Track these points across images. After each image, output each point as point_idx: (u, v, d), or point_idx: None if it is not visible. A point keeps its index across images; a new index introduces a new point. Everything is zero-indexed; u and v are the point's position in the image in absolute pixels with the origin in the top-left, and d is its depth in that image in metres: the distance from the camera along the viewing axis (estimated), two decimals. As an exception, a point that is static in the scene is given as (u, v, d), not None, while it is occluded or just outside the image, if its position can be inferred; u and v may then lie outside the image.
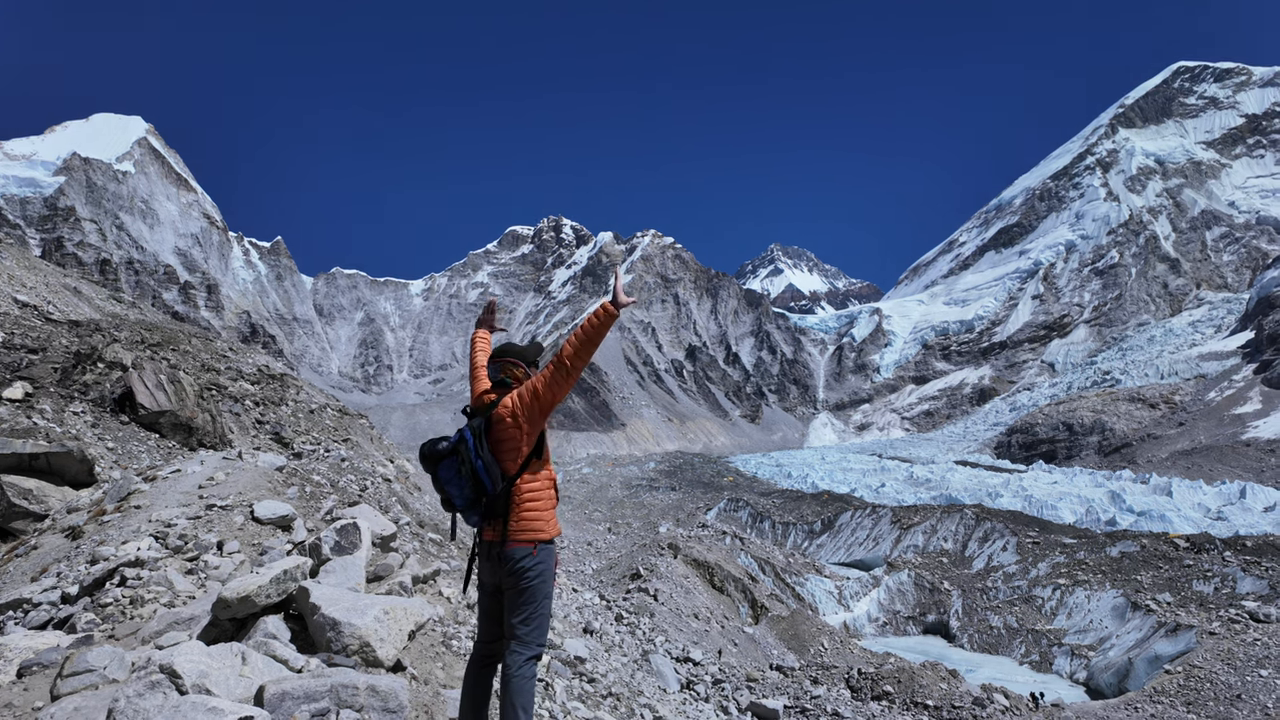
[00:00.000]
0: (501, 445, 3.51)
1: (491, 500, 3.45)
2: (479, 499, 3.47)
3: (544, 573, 3.45)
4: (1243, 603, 21.82)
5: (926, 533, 36.48)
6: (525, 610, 3.42)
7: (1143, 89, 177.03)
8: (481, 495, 3.46)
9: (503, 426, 3.52)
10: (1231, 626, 20.18)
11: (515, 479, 3.49)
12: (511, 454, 3.50)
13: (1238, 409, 75.26)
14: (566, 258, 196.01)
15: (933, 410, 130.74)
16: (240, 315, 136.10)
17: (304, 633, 4.04)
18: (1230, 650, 18.55)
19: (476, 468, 3.43)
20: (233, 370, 18.07)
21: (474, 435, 3.50)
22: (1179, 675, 17.82)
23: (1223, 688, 16.92)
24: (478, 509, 3.48)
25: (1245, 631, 19.68)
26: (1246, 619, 20.62)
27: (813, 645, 20.66)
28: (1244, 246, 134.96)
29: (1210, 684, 17.17)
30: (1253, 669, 17.54)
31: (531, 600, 3.41)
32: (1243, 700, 16.31)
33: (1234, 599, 22.43)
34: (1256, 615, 20.69)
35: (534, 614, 3.42)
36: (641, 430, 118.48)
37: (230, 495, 7.25)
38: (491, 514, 3.47)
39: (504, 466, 3.49)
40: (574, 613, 14.05)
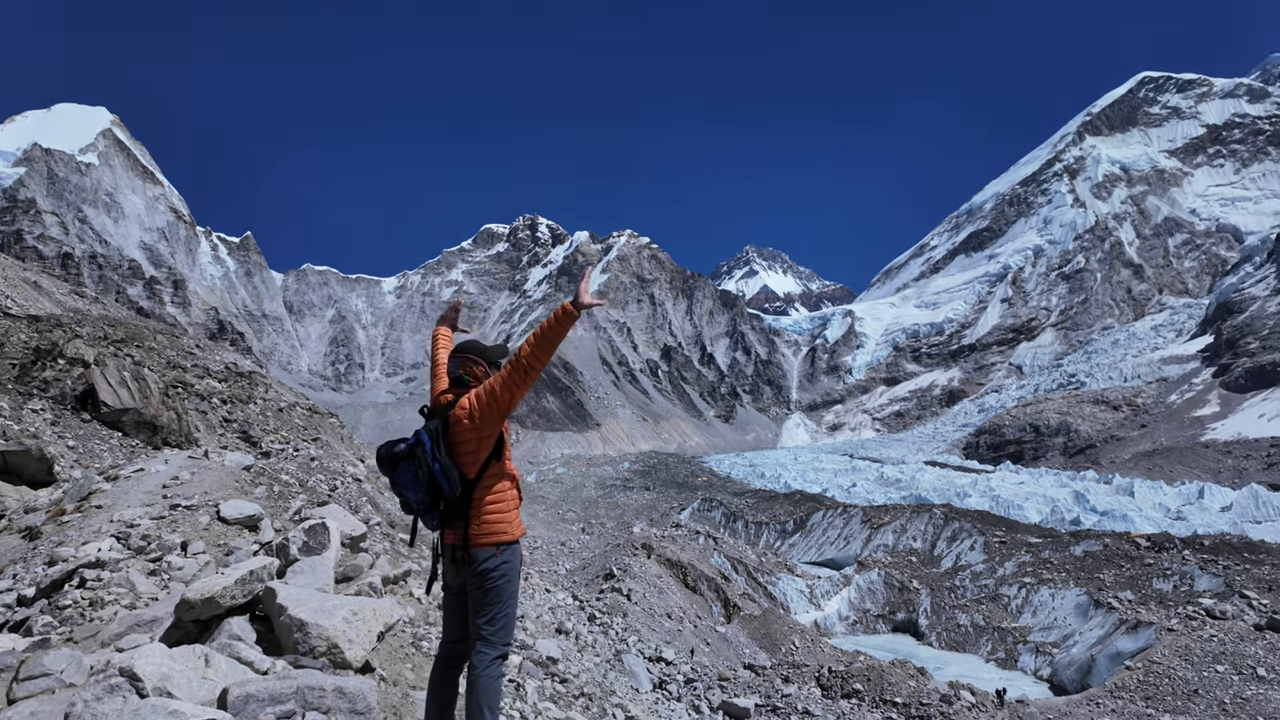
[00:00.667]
0: (459, 447, 3.43)
1: (450, 504, 3.37)
2: (437, 503, 3.39)
3: (509, 573, 3.40)
4: (1200, 600, 22.40)
5: (896, 532, 36.93)
6: (490, 611, 3.37)
7: (1109, 98, 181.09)
8: (439, 499, 3.38)
9: (460, 428, 3.44)
10: (1189, 623, 20.71)
11: (475, 482, 3.41)
12: (470, 456, 3.42)
13: (1197, 411, 77.32)
14: (542, 256, 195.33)
15: (903, 411, 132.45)
16: (208, 312, 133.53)
17: (270, 634, 3.98)
18: (1188, 646, 19.04)
19: (434, 471, 3.35)
20: (199, 368, 17.72)
21: (431, 437, 3.42)
22: (1139, 671, 18.25)
23: (1180, 683, 17.37)
24: (436, 513, 3.41)
25: (1202, 628, 20.21)
26: (1203, 616, 21.17)
27: (784, 644, 20.82)
28: (1204, 253, 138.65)
29: (1169, 680, 17.61)
30: (1209, 665, 18.03)
31: (496, 601, 3.36)
32: (1199, 695, 16.76)
33: (1192, 596, 23.03)
34: (1213, 612, 21.26)
35: (499, 614, 3.37)
36: (616, 430, 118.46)
37: (195, 495, 7.12)
38: (451, 517, 3.39)
39: (463, 469, 3.41)
40: (547, 613, 14.01)
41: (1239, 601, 21.74)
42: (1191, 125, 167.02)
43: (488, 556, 3.37)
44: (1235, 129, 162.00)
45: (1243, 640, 19.12)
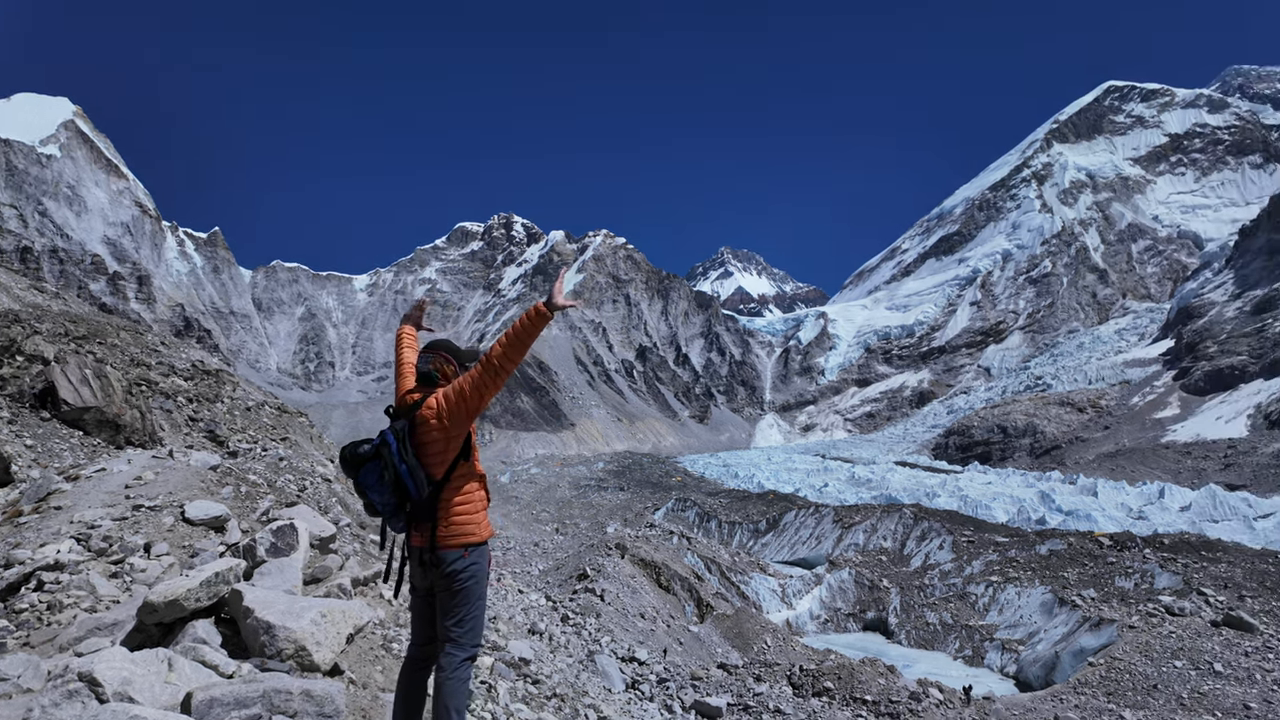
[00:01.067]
0: (427, 448, 3.36)
1: (416, 506, 3.31)
2: (403, 505, 3.32)
3: (477, 574, 3.35)
4: (1160, 597, 22.97)
5: (867, 531, 37.35)
6: (459, 612, 3.33)
7: (1076, 105, 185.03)
8: (405, 501, 3.32)
9: (427, 428, 3.37)
10: (1149, 620, 21.23)
11: (443, 483, 3.35)
12: (437, 457, 3.35)
13: (1158, 413, 79.25)
14: (517, 255, 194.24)
15: (874, 412, 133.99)
16: (173, 308, 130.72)
17: (236, 637, 3.91)
18: (1148, 643, 19.52)
19: (400, 473, 3.28)
20: (164, 365, 17.35)
21: (397, 438, 3.34)
22: (1101, 667, 18.66)
23: (1141, 679, 17.80)
24: (402, 515, 3.34)
25: (1162, 625, 20.73)
26: (1163, 613, 21.72)
27: (756, 643, 20.95)
28: (1166, 259, 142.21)
29: (1129, 675, 18.03)
30: (1168, 660, 18.50)
31: (465, 602, 3.31)
32: (1159, 690, 17.19)
33: (1152, 594, 23.60)
34: (1172, 609, 21.81)
35: (467, 616, 3.32)
36: (591, 430, 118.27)
37: (160, 495, 6.97)
38: (417, 520, 3.33)
39: (429, 470, 3.34)
40: (519, 614, 13.94)
41: (1197, 599, 22.33)
42: (1154, 134, 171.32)
43: (455, 558, 3.33)
44: (1196, 138, 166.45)
45: (1200, 636, 19.65)
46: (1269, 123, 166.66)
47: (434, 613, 3.41)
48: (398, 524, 3.39)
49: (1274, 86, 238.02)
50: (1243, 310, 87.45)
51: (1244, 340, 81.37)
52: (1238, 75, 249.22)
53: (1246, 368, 77.64)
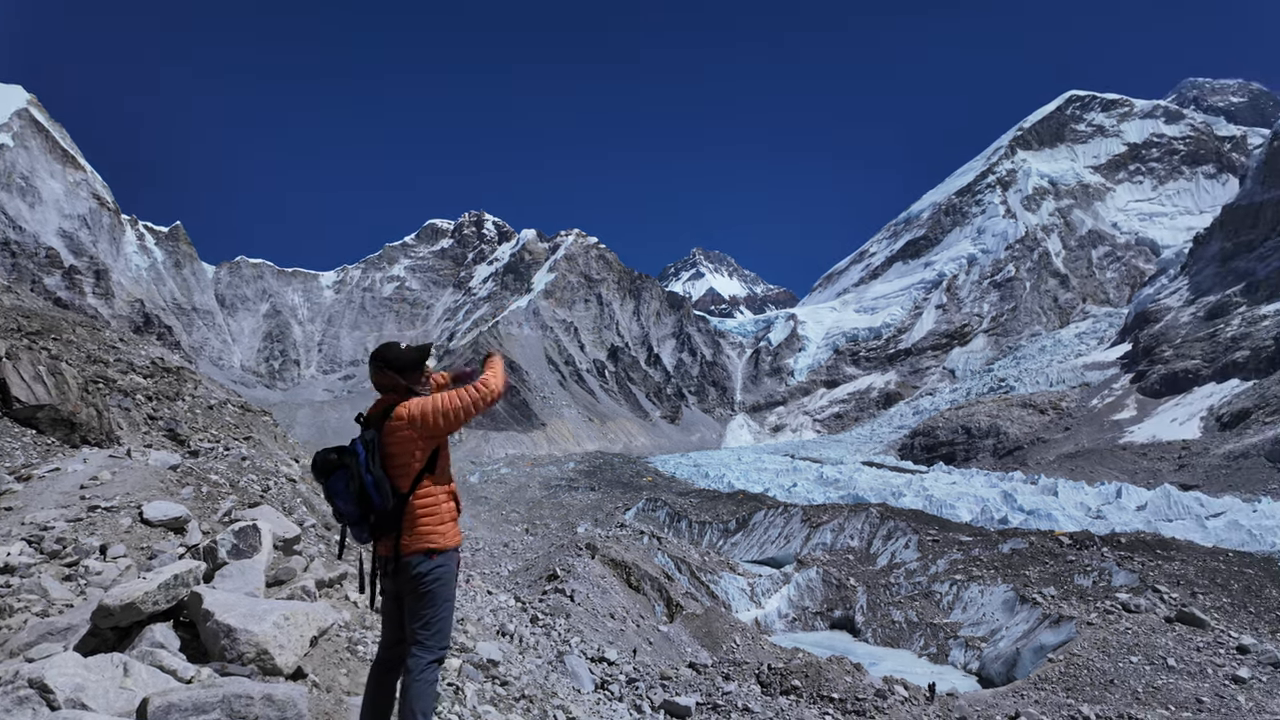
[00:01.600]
0: (393, 460, 3.34)
1: (380, 517, 3.29)
2: (367, 515, 3.30)
3: (443, 576, 3.34)
4: (1116, 595, 23.58)
5: (835, 531, 37.75)
6: (425, 615, 3.31)
7: (1039, 114, 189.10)
8: (370, 511, 3.29)
9: (394, 439, 3.36)
10: (1106, 617, 21.78)
11: (408, 495, 3.34)
12: (403, 469, 3.34)
13: (1116, 415, 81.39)
14: (488, 254, 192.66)
15: (842, 413, 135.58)
16: (133, 304, 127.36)
17: (196, 641, 3.81)
18: (1105, 639, 20.02)
19: (365, 483, 3.26)
20: (123, 362, 16.88)
21: (365, 448, 3.32)
22: (1060, 663, 19.09)
23: (1098, 674, 18.25)
24: (366, 525, 3.31)
25: (1118, 621, 21.28)
26: (1120, 610, 22.30)
27: (725, 642, 21.05)
28: (1124, 265, 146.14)
29: (1087, 671, 18.48)
30: (1124, 656, 18.99)
31: (432, 604, 3.30)
32: (1115, 685, 17.64)
33: (1109, 591, 24.21)
34: (1128, 606, 22.41)
35: (434, 618, 3.31)
36: (562, 430, 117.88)
37: (116, 496, 6.78)
38: (381, 530, 3.31)
39: (395, 481, 3.33)
40: (488, 615, 13.84)
41: (1151, 596, 22.97)
42: (1114, 143, 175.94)
43: (420, 562, 3.32)
44: (1153, 148, 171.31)
45: (1154, 632, 20.22)
46: (1222, 134, 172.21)
47: (403, 614, 3.39)
48: (361, 534, 3.35)
49: (1227, 99, 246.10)
50: (1196, 316, 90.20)
51: (1197, 345, 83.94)
52: (1193, 87, 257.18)
53: (1200, 371, 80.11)
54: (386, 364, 3.57)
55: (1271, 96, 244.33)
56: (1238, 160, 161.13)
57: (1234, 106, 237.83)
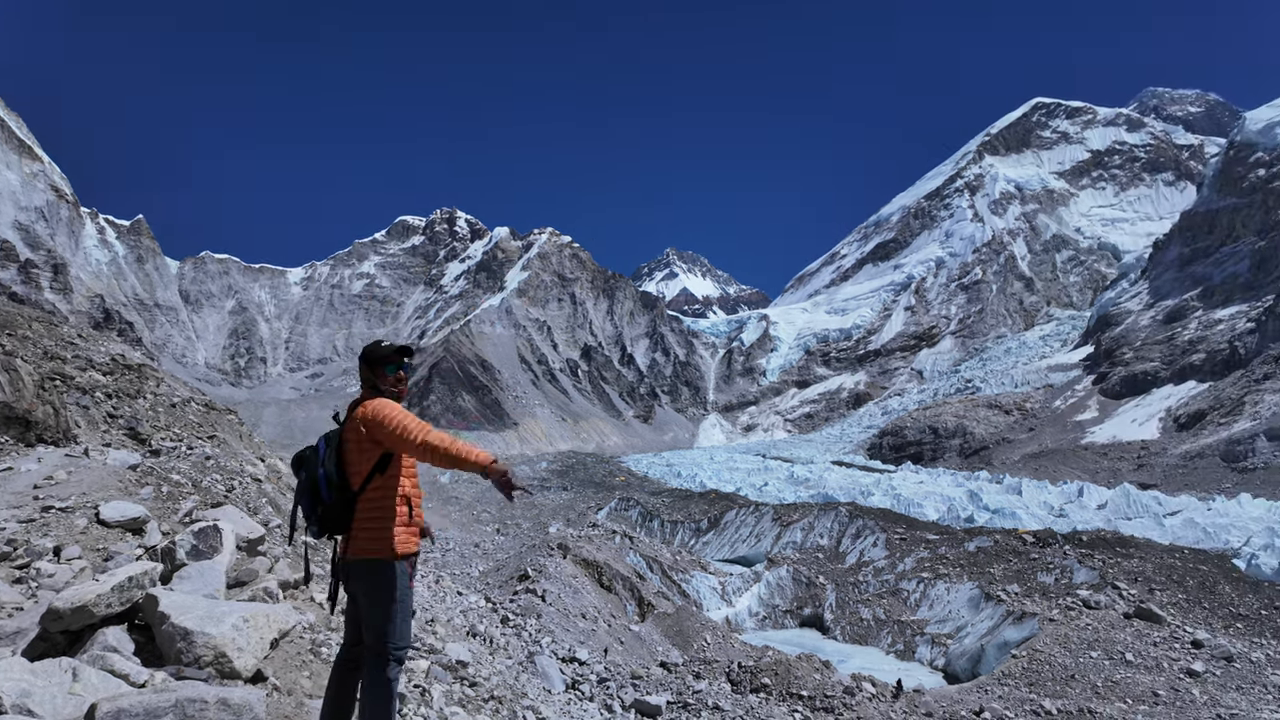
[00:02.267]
0: (348, 457, 3.37)
1: (326, 512, 3.30)
2: (314, 509, 3.32)
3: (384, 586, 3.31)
4: (1077, 591, 24.11)
5: (805, 529, 38.08)
6: (377, 616, 3.31)
7: (1006, 120, 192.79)
8: (317, 505, 3.32)
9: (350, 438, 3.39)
10: (1068, 613, 22.26)
11: (357, 495, 3.34)
12: (355, 468, 3.36)
13: (1078, 416, 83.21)
14: (460, 251, 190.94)
15: (813, 413, 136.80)
16: (92, 299, 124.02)
17: (151, 645, 3.72)
18: (1066, 635, 20.46)
19: (318, 477, 3.30)
20: (81, 359, 16.42)
21: (327, 444, 3.37)
22: (1023, 659, 19.47)
23: (1059, 669, 18.64)
24: (314, 520, 3.33)
25: (1079, 618, 21.76)
26: (1080, 606, 22.80)
27: (696, 641, 21.12)
28: (1087, 269, 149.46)
29: (1049, 666, 18.87)
30: (1085, 651, 19.43)
31: (380, 605, 3.30)
32: (1076, 680, 18.03)
33: (1070, 588, 24.75)
34: (1089, 602, 22.92)
35: (384, 622, 3.30)
36: (534, 430, 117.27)
37: (72, 496, 6.59)
38: (330, 528, 3.33)
39: (350, 479, 3.34)
40: (458, 616, 13.72)
41: (1111, 592, 23.53)
42: (1078, 150, 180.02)
43: (362, 570, 3.33)
44: (1115, 155, 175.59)
45: (1114, 628, 20.71)
46: (1180, 143, 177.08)
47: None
48: (312, 528, 3.36)
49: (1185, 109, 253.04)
50: (1155, 319, 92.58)
51: (1156, 348, 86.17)
52: (1153, 97, 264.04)
53: (1159, 373, 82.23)
54: (361, 356, 3.63)
55: (1227, 107, 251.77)
56: (1195, 169, 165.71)
57: (1192, 116, 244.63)
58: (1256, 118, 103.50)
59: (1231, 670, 18.12)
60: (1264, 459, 55.83)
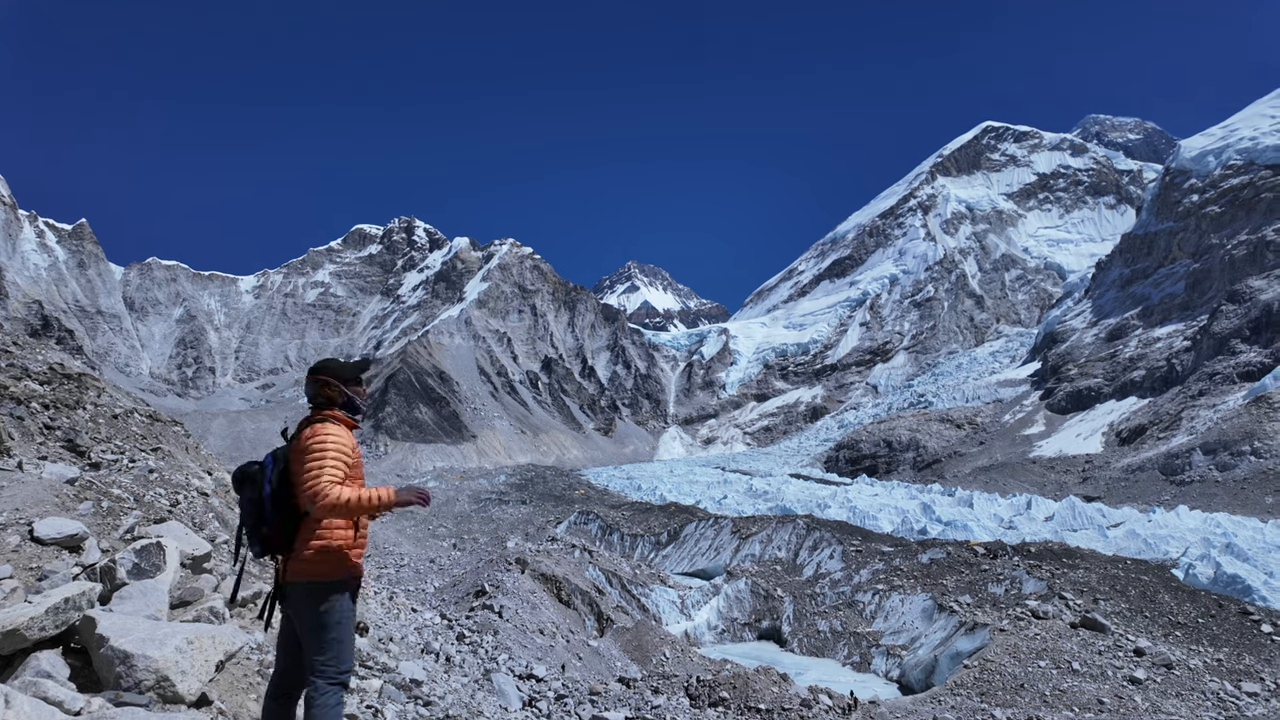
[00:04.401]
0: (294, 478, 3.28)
1: (270, 532, 3.23)
2: (258, 528, 3.25)
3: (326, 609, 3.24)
4: (1026, 602, 24.69)
5: (763, 542, 38.30)
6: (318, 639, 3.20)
7: (958, 142, 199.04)
8: (261, 525, 3.24)
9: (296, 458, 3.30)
10: (1017, 623, 22.76)
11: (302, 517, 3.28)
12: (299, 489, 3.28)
13: (1026, 430, 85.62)
14: (418, 261, 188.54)
15: (771, 426, 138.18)
16: (30, 305, 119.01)
17: (88, 669, 3.54)
18: (1016, 645, 20.91)
19: (263, 495, 3.23)
20: (17, 368, 15.71)
21: (275, 462, 3.29)
22: (975, 669, 19.83)
23: (1010, 678, 19.03)
24: (257, 539, 3.25)
25: (1028, 627, 22.27)
26: (1029, 616, 23.34)
27: (655, 655, 21.02)
28: (1034, 288, 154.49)
29: (1000, 676, 19.25)
30: (1033, 660, 19.88)
31: (322, 629, 3.22)
32: (1025, 689, 18.43)
33: (1020, 599, 25.34)
34: (1037, 613, 23.49)
35: (328, 642, 3.22)
36: (493, 442, 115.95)
37: (4, 511, 6.28)
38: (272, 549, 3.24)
39: (297, 501, 3.26)
40: (412, 634, 13.44)
41: (1058, 602, 24.15)
42: (1025, 172, 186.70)
43: (302, 594, 3.23)
44: (1060, 178, 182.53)
45: (1061, 637, 21.25)
46: (1121, 168, 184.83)
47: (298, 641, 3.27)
48: (255, 547, 3.26)
49: (1125, 136, 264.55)
50: (1098, 337, 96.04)
51: (1099, 364, 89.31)
52: (1095, 123, 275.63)
53: (1102, 389, 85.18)
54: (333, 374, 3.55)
55: (1164, 135, 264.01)
56: (1135, 193, 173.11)
57: (1131, 143, 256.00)
58: (1190, 146, 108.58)
59: (1171, 677, 18.74)
60: (1199, 472, 58.13)
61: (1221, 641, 21.21)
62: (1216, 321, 76.51)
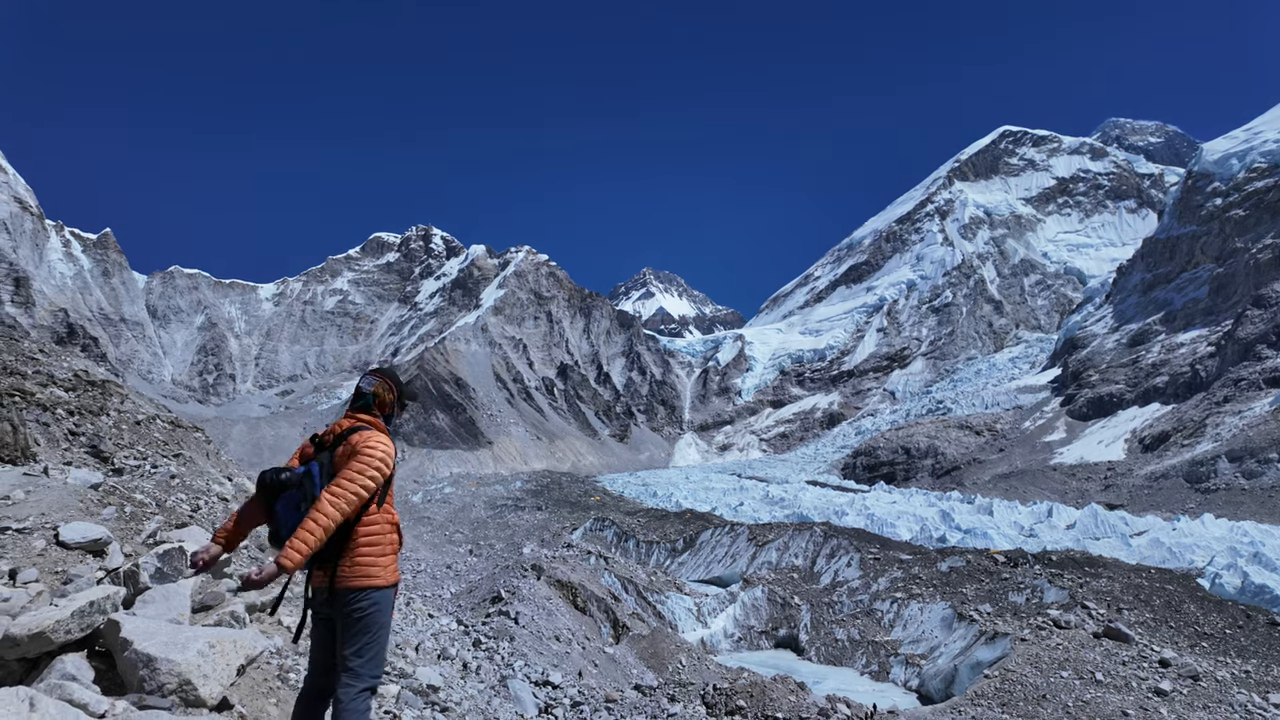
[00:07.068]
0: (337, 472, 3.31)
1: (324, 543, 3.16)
2: None
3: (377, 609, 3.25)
4: (1048, 611, 24.35)
5: (780, 549, 38.08)
6: (358, 642, 3.19)
7: (975, 147, 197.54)
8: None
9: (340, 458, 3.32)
10: (1039, 633, 22.45)
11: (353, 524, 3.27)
12: None
13: (1047, 437, 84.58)
14: (435, 268, 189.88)
15: (788, 433, 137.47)
16: (55, 314, 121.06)
17: (112, 672, 3.59)
18: (1038, 655, 20.62)
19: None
20: (43, 375, 15.99)
21: (322, 470, 3.27)
22: (996, 679, 19.56)
23: (1031, 689, 18.75)
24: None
25: (1050, 637, 21.95)
26: (1051, 626, 23.02)
27: (671, 663, 20.94)
28: (1054, 293, 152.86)
29: (1021, 686, 18.97)
30: (1056, 671, 19.58)
31: (365, 632, 3.21)
32: (1047, 700, 18.15)
33: (1041, 608, 24.99)
34: (1059, 622, 23.15)
35: (367, 646, 3.21)
36: (509, 448, 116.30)
37: (30, 516, 6.38)
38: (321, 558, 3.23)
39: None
40: (429, 639, 13.49)
41: (1080, 612, 23.80)
42: (1044, 177, 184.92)
43: (356, 596, 3.23)
44: (1080, 183, 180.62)
45: (1084, 648, 20.92)
46: (1142, 171, 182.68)
47: (334, 640, 3.27)
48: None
49: (1146, 139, 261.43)
50: (1120, 342, 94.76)
51: (1121, 370, 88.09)
52: (1115, 127, 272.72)
53: (1124, 396, 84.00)
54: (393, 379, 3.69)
55: (1185, 138, 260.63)
56: (1156, 197, 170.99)
57: (1152, 146, 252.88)
58: (1213, 149, 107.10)
59: (1198, 689, 18.38)
60: (1225, 480, 57.11)
61: (1250, 653, 20.79)
62: (1241, 326, 75.26)
